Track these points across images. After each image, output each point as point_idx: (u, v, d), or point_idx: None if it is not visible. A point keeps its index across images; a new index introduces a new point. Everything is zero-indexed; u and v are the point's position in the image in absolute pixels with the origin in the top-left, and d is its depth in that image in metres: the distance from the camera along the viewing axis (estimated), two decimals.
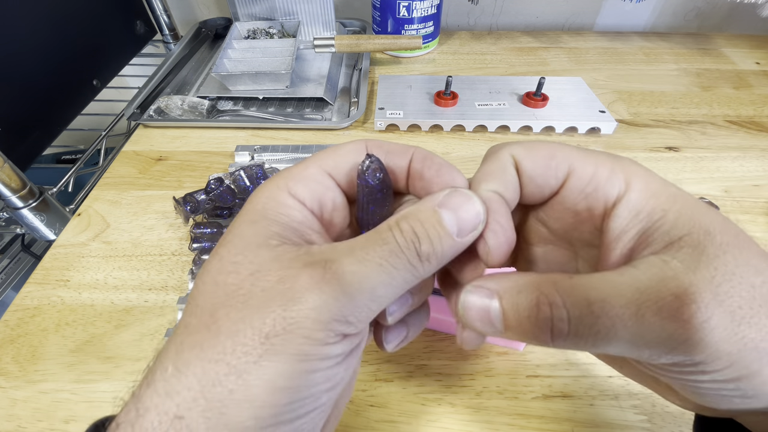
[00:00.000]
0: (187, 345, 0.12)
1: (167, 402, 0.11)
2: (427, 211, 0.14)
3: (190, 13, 0.76)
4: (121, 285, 0.35)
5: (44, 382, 0.30)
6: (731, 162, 0.47)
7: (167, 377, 0.12)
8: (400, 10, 0.60)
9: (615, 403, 0.28)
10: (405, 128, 0.51)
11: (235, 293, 0.12)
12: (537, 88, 0.51)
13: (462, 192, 0.15)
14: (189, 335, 0.12)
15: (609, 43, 0.69)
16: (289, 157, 0.46)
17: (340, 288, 0.12)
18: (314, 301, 0.12)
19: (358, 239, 0.14)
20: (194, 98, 0.53)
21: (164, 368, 0.12)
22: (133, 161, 0.47)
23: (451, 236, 0.14)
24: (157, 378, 0.12)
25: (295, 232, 0.14)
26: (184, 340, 0.12)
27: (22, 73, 0.46)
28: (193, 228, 0.36)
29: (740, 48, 0.67)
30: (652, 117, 0.54)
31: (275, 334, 0.12)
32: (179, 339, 0.13)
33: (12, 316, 0.33)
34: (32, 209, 0.41)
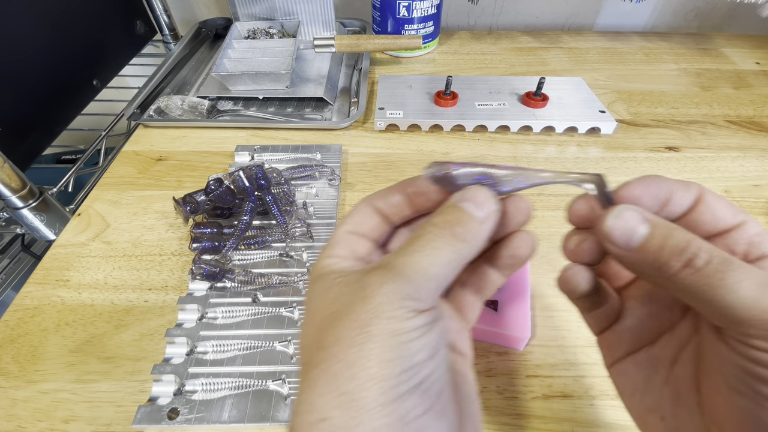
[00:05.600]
0: (311, 368, 0.15)
1: (310, 415, 0.14)
2: (449, 207, 0.17)
3: (190, 13, 0.76)
4: (121, 285, 0.35)
5: (44, 382, 0.30)
6: (731, 162, 0.47)
7: (303, 399, 0.14)
8: (400, 10, 0.60)
9: (615, 403, 0.28)
10: (405, 128, 0.51)
11: (327, 319, 0.16)
12: (537, 88, 0.51)
13: (470, 187, 0.18)
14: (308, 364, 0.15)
15: (609, 43, 0.69)
16: (289, 157, 0.46)
17: (398, 276, 0.15)
18: (384, 291, 0.15)
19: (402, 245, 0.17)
20: (194, 98, 0.53)
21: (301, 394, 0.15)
22: (133, 161, 0.47)
23: (476, 219, 0.17)
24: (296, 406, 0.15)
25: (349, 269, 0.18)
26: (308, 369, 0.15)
27: (23, 74, 0.46)
28: (193, 228, 0.36)
29: (740, 48, 0.67)
30: (652, 117, 0.54)
31: (367, 324, 0.14)
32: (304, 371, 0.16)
33: (12, 316, 0.33)
34: (32, 209, 0.41)
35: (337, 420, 0.13)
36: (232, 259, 0.36)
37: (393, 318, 0.14)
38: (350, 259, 0.18)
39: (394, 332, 0.14)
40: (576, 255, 0.18)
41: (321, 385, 0.14)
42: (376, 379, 0.14)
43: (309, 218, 0.39)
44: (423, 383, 0.14)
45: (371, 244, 0.20)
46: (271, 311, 0.32)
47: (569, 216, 0.18)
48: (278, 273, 0.35)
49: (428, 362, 0.15)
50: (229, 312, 0.32)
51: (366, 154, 0.48)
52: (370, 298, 0.15)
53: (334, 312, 0.16)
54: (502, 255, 0.19)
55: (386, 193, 0.20)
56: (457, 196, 0.18)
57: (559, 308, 0.34)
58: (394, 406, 0.14)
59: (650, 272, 0.15)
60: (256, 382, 0.28)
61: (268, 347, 0.30)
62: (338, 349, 0.14)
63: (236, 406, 0.27)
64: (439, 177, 0.18)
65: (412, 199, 0.20)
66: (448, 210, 0.17)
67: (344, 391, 0.14)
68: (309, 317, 0.17)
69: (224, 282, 0.34)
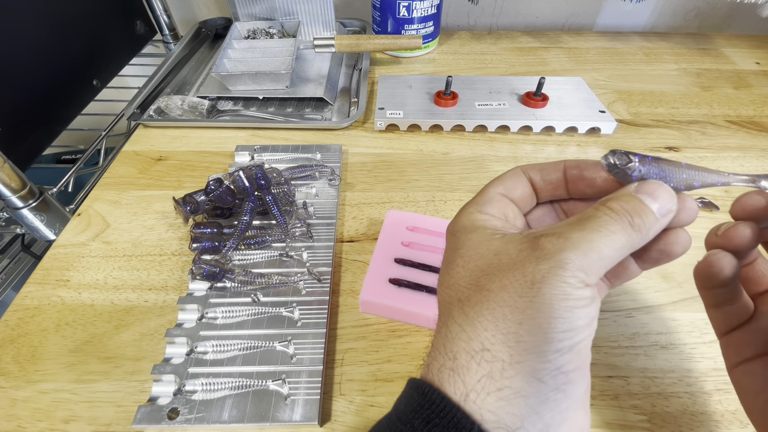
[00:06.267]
0: (469, 304, 0.17)
1: (472, 344, 0.16)
2: (628, 195, 0.18)
3: (190, 13, 0.76)
4: (121, 285, 0.35)
5: (44, 382, 0.30)
6: (731, 162, 0.47)
7: (464, 329, 0.16)
8: (400, 10, 0.60)
9: (615, 403, 0.28)
10: (405, 128, 0.51)
11: (488, 267, 0.17)
12: (537, 88, 0.51)
13: (652, 182, 0.18)
14: (463, 300, 0.17)
15: (609, 43, 0.69)
16: (289, 157, 0.46)
17: (575, 248, 0.16)
18: (560, 257, 0.16)
19: (569, 220, 0.18)
20: (194, 98, 0.53)
21: (456, 325, 0.16)
22: (133, 161, 0.47)
23: (654, 214, 0.17)
24: (454, 334, 0.16)
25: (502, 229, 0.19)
26: (463, 305, 0.17)
27: (22, 73, 0.46)
28: (193, 228, 0.36)
29: (740, 48, 0.67)
30: (652, 117, 0.54)
31: (538, 281, 0.15)
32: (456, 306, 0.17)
33: (12, 316, 0.33)
34: (32, 209, 0.41)
35: (498, 353, 0.15)
36: (232, 259, 0.36)
37: (566, 283, 0.15)
38: (501, 219, 0.19)
39: (565, 296, 0.15)
40: (726, 239, 0.19)
41: (485, 321, 0.16)
42: (541, 330, 0.15)
43: (309, 218, 0.39)
44: (578, 345, 0.16)
45: (519, 211, 0.21)
46: (271, 311, 0.32)
47: (736, 208, 0.19)
48: (278, 273, 0.35)
49: (585, 329, 0.16)
50: (229, 312, 0.32)
51: (366, 154, 0.48)
52: (543, 260, 0.16)
53: (497, 263, 0.17)
54: (653, 248, 0.19)
55: (545, 167, 0.21)
56: (636, 187, 0.18)
57: None
58: (554, 355, 0.15)
59: None
60: (256, 382, 0.28)
61: (268, 347, 0.30)
62: (506, 295, 0.16)
63: (236, 406, 0.27)
64: (618, 166, 0.19)
65: (571, 180, 0.20)
66: (627, 198, 0.17)
67: (510, 331, 0.15)
68: (462, 261, 0.18)
69: (224, 282, 0.34)
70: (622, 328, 0.32)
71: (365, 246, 0.38)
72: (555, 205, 0.22)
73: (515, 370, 0.15)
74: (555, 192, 0.21)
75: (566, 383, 0.15)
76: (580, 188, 0.20)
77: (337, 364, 0.30)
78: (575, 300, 0.15)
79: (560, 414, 0.15)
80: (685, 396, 0.29)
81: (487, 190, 0.20)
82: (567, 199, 0.21)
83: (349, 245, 0.38)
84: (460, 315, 0.17)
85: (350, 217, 0.41)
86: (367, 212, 0.41)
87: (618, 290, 0.35)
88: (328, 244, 0.37)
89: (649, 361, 0.30)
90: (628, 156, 0.18)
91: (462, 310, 0.17)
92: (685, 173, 0.18)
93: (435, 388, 0.16)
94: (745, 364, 0.20)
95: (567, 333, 0.15)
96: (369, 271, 0.33)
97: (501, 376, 0.15)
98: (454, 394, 0.15)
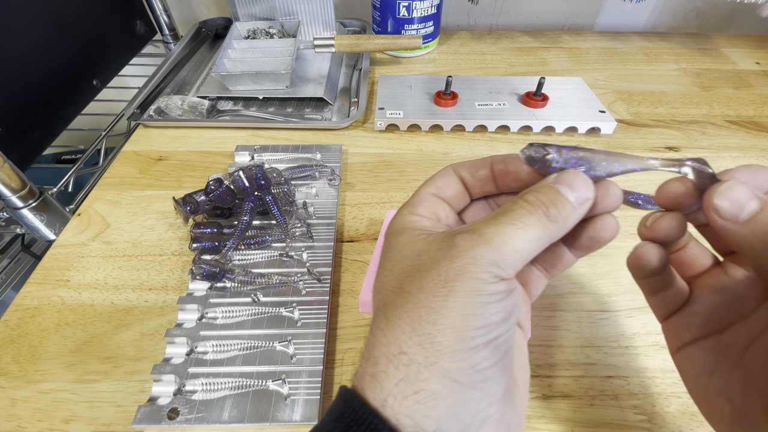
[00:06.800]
0: (391, 308, 0.17)
1: (391, 348, 0.16)
2: (545, 187, 0.18)
3: (190, 13, 0.76)
4: (121, 285, 0.35)
5: (44, 382, 0.30)
6: (731, 162, 0.47)
7: (385, 333, 0.16)
8: (400, 10, 0.60)
9: (615, 403, 0.28)
10: (405, 128, 0.51)
11: (410, 269, 0.17)
12: (537, 88, 0.51)
13: (569, 171, 0.18)
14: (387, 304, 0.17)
15: (609, 43, 0.69)
16: (289, 157, 0.46)
17: (487, 242, 0.16)
18: (472, 253, 0.16)
19: (488, 215, 0.18)
20: (194, 98, 0.53)
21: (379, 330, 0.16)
22: (133, 161, 0.47)
23: (571, 203, 0.17)
24: (376, 339, 0.16)
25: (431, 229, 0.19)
26: (387, 308, 0.17)
27: (22, 73, 0.46)
28: (193, 228, 0.36)
29: (740, 48, 0.67)
30: (652, 117, 0.54)
31: (452, 279, 0.16)
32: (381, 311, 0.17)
33: (12, 316, 0.33)
34: (32, 209, 0.41)
35: (414, 356, 0.15)
36: (232, 259, 0.36)
37: (478, 279, 0.16)
38: (432, 219, 0.20)
39: (477, 292, 0.15)
40: (653, 231, 0.19)
41: (402, 324, 0.16)
42: (455, 328, 0.15)
43: (309, 218, 0.39)
44: (494, 341, 0.16)
45: (451, 209, 0.21)
46: (271, 311, 0.32)
47: (659, 196, 0.19)
48: (278, 273, 0.35)
49: (501, 324, 0.16)
50: (229, 312, 0.32)
51: (366, 154, 0.48)
52: (457, 257, 0.16)
53: (419, 264, 0.17)
54: (582, 236, 0.20)
55: (474, 164, 0.21)
56: (554, 177, 0.18)
57: (559, 308, 0.34)
58: (468, 353, 0.15)
59: (756, 246, 0.16)
60: (256, 382, 0.28)
61: (268, 347, 0.30)
62: (422, 296, 0.16)
63: (236, 406, 0.27)
64: (536, 159, 0.19)
65: (498, 175, 0.20)
66: (543, 190, 0.18)
67: (425, 332, 0.15)
68: (390, 264, 0.18)
69: (224, 282, 0.34)
70: (622, 328, 0.32)
71: (365, 246, 0.38)
72: (490, 201, 0.22)
73: (430, 371, 0.15)
74: (485, 188, 0.21)
75: (482, 381, 0.15)
76: (507, 183, 0.20)
77: (337, 364, 0.30)
78: (488, 295, 0.16)
79: (481, 412, 0.15)
80: (685, 396, 0.29)
81: (419, 191, 0.21)
82: (499, 193, 0.22)
83: (349, 245, 0.38)
84: (383, 319, 0.17)
85: (350, 217, 0.41)
86: (367, 212, 0.41)
87: (618, 290, 0.35)
88: (328, 244, 0.37)
89: (649, 361, 0.30)
90: (544, 147, 0.19)
91: (385, 314, 0.17)
92: (605, 160, 0.18)
93: (357, 395, 0.16)
94: (685, 348, 0.20)
95: (481, 330, 0.15)
96: (369, 271, 0.33)
97: (417, 379, 0.15)
98: (374, 400, 0.15)
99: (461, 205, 0.21)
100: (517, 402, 0.17)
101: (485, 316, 0.15)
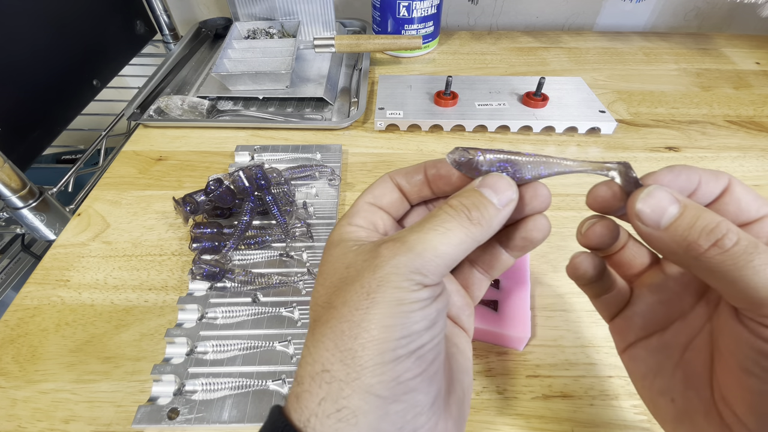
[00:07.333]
0: (318, 325, 0.16)
1: (315, 366, 0.15)
2: (469, 190, 0.18)
3: (190, 13, 0.76)
4: (121, 285, 0.35)
5: (44, 382, 0.30)
6: (731, 162, 0.47)
7: (310, 351, 0.16)
8: (400, 10, 0.60)
9: (615, 403, 0.28)
10: (405, 128, 0.51)
11: (339, 282, 0.17)
12: (537, 88, 0.51)
13: (492, 174, 0.18)
14: (316, 321, 0.17)
15: (609, 43, 0.69)
16: (289, 157, 0.46)
17: (409, 250, 0.16)
18: (394, 262, 0.16)
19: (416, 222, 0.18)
20: (194, 98, 0.53)
21: (306, 348, 0.16)
22: (133, 161, 0.47)
23: (494, 205, 0.17)
24: (304, 357, 0.16)
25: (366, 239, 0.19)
26: (315, 325, 0.17)
27: (22, 73, 0.46)
28: (193, 228, 0.36)
29: (740, 48, 0.67)
30: (652, 117, 0.54)
31: (373, 291, 0.15)
32: (311, 327, 0.17)
33: (12, 316, 0.33)
34: (32, 209, 0.41)
35: (336, 373, 0.15)
36: (232, 259, 0.36)
37: (399, 288, 0.15)
38: (368, 229, 0.20)
39: (398, 301, 0.15)
40: (587, 238, 0.19)
41: (326, 341, 0.16)
42: (376, 341, 0.15)
43: (309, 218, 0.39)
44: (418, 350, 0.15)
45: (389, 217, 0.21)
46: (271, 311, 0.32)
47: (589, 200, 0.19)
48: (278, 273, 0.35)
49: (426, 332, 0.16)
50: (229, 312, 0.32)
51: (366, 154, 0.48)
52: (380, 268, 0.16)
53: (346, 277, 0.17)
54: (516, 237, 0.20)
55: (409, 170, 0.21)
56: (477, 181, 0.18)
57: (559, 308, 0.34)
58: (389, 366, 0.15)
59: (677, 251, 0.16)
60: (256, 382, 0.28)
61: (268, 347, 0.30)
62: (346, 310, 0.16)
63: (236, 406, 0.27)
64: (462, 163, 0.19)
65: (432, 180, 0.20)
66: (467, 194, 0.18)
67: (347, 348, 0.15)
68: (322, 279, 0.18)
69: (224, 282, 0.34)
70: None
71: None
72: (429, 206, 0.22)
73: (352, 388, 0.15)
74: (422, 193, 0.21)
75: (406, 393, 0.15)
76: (441, 187, 0.20)
77: None
78: (410, 304, 0.15)
79: (408, 425, 0.15)
80: None
81: (356, 201, 0.21)
82: (437, 198, 0.21)
83: None
84: (310, 337, 0.16)
85: None
86: None
87: None
88: None
89: None
90: (469, 151, 0.19)
91: (312, 331, 0.17)
92: (531, 164, 0.19)
93: (283, 415, 0.16)
94: (630, 348, 0.20)
95: (403, 340, 0.15)
96: None
97: (339, 397, 0.15)
98: (297, 420, 0.15)
99: (401, 212, 0.21)
100: (453, 409, 0.17)
101: (407, 325, 0.15)
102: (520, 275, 0.32)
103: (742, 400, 0.15)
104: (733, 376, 0.16)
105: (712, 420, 0.16)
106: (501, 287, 0.32)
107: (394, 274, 0.16)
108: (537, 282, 0.35)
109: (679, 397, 0.18)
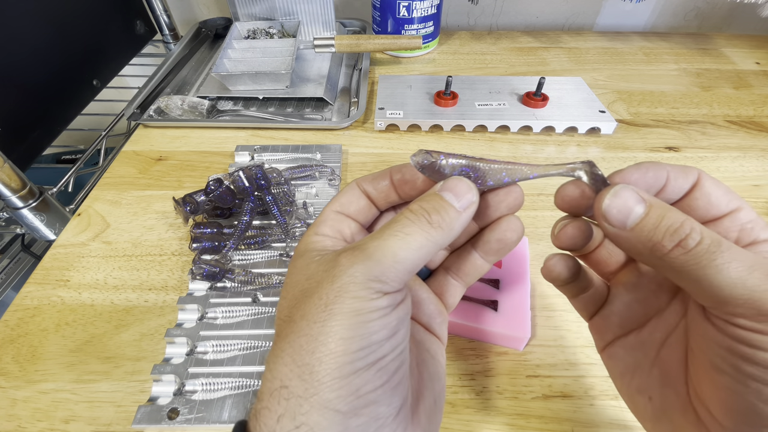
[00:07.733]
0: (279, 339, 0.16)
1: (274, 382, 0.15)
2: (430, 195, 0.18)
3: (190, 13, 0.76)
4: (121, 285, 0.35)
5: (44, 382, 0.30)
6: (731, 162, 0.47)
7: (270, 368, 0.16)
8: (400, 10, 0.60)
9: (615, 403, 0.28)
10: (405, 128, 0.51)
11: (299, 295, 0.17)
12: (537, 88, 0.51)
13: (453, 178, 0.18)
14: (278, 335, 0.16)
15: (609, 43, 0.69)
16: (289, 157, 0.46)
17: (367, 258, 0.16)
18: (352, 271, 0.15)
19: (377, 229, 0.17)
20: (194, 98, 0.53)
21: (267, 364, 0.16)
22: (133, 161, 0.47)
23: (455, 208, 0.17)
24: (264, 373, 0.16)
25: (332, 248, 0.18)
26: (276, 340, 0.16)
27: (22, 73, 0.46)
28: (193, 228, 0.36)
29: (740, 48, 0.67)
30: (652, 117, 0.54)
31: (331, 302, 0.15)
32: (274, 342, 0.17)
33: (12, 316, 0.33)
34: (32, 209, 0.41)
35: (295, 389, 0.14)
36: (232, 259, 0.36)
37: (357, 298, 0.15)
38: (335, 238, 0.19)
39: (357, 311, 0.15)
40: (559, 240, 0.19)
41: (285, 356, 0.15)
42: (333, 354, 0.14)
43: (309, 218, 0.39)
44: (379, 361, 0.15)
45: (357, 225, 0.20)
46: (271, 311, 0.32)
47: (557, 200, 0.19)
48: (278, 273, 0.35)
49: (386, 342, 0.15)
50: (229, 312, 0.32)
51: (366, 154, 0.48)
52: (338, 278, 0.15)
53: (306, 289, 0.16)
54: (490, 239, 0.20)
55: (375, 177, 0.21)
56: (438, 185, 0.18)
57: (559, 308, 0.34)
58: (348, 380, 0.14)
59: (643, 251, 0.15)
60: (256, 382, 0.28)
61: (268, 347, 0.30)
62: (304, 324, 0.15)
63: (236, 406, 0.27)
64: (426, 166, 0.19)
65: (398, 185, 0.20)
66: (428, 198, 0.18)
67: (304, 363, 0.15)
68: (285, 292, 0.18)
69: (224, 282, 0.34)
70: None
71: None
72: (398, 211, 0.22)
73: (310, 404, 0.14)
74: (389, 199, 0.21)
75: (366, 406, 0.15)
76: (407, 192, 0.20)
77: None
78: (369, 313, 0.15)
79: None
80: None
81: (324, 210, 0.20)
82: (406, 203, 0.21)
83: None
84: (271, 353, 0.16)
85: None
86: None
87: None
88: None
89: None
90: (431, 154, 0.19)
91: (274, 347, 0.16)
92: (493, 171, 0.18)
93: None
94: (609, 347, 0.20)
95: (361, 352, 0.15)
96: None
97: (297, 413, 0.14)
98: None
99: (369, 218, 0.21)
100: (421, 417, 0.17)
101: (365, 336, 0.15)
102: (520, 275, 0.32)
103: (715, 398, 0.15)
104: (706, 373, 0.16)
105: (689, 418, 0.16)
106: (501, 287, 0.32)
107: (352, 283, 0.15)
108: (537, 282, 0.35)
109: (657, 395, 0.18)
